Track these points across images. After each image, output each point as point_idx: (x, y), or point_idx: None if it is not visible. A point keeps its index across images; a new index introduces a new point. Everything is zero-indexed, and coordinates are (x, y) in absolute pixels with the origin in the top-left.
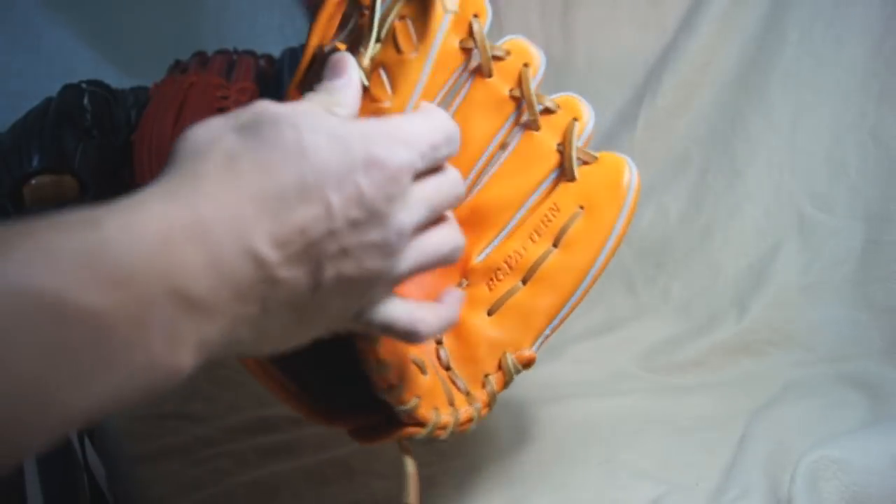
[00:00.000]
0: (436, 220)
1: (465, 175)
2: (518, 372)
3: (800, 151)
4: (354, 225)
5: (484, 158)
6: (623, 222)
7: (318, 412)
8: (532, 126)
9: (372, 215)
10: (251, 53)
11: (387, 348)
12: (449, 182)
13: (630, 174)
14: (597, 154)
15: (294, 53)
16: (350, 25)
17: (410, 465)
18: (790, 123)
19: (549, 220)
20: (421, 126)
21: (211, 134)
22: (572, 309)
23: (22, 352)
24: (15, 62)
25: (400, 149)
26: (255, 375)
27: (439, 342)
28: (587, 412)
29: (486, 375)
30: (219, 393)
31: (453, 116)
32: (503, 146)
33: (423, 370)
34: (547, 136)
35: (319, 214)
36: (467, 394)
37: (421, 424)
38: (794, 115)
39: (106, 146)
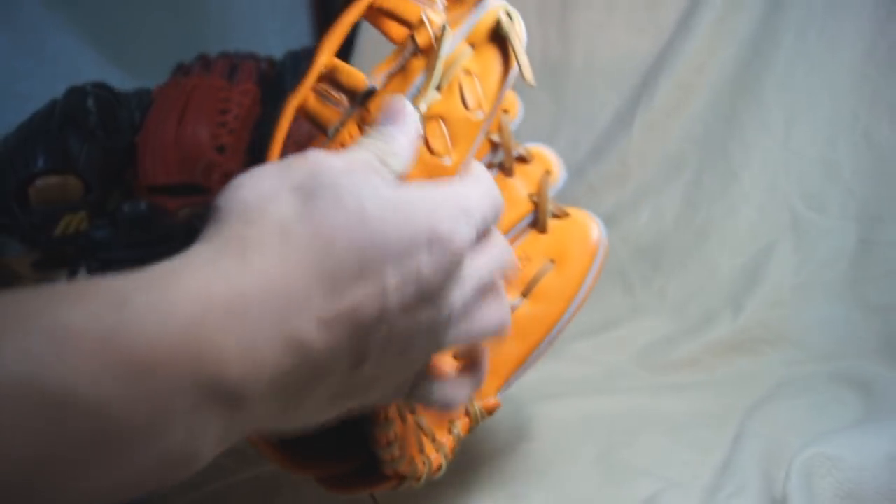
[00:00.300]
0: (485, 290)
1: None
2: (483, 418)
3: (794, 153)
4: (406, 306)
5: None
6: (592, 279)
7: (288, 459)
8: (506, 172)
9: (426, 296)
10: (253, 56)
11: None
12: (499, 252)
13: (599, 232)
14: (568, 210)
15: (296, 56)
16: (398, 63)
17: None
18: (784, 125)
19: (519, 270)
20: (476, 193)
21: (263, 191)
22: (536, 359)
23: (16, 442)
24: (20, 65)
25: (462, 223)
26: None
27: None
28: (584, 410)
29: (452, 421)
30: None
31: None
32: None
33: (403, 419)
34: (518, 184)
35: (373, 294)
36: (433, 439)
37: (401, 477)
38: (789, 117)
39: (110, 147)
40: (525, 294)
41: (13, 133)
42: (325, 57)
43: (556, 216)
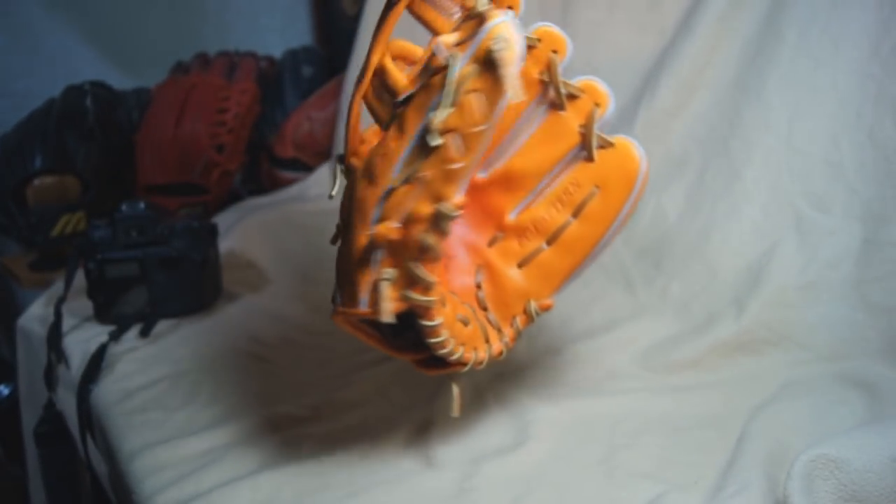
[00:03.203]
0: None
1: (497, 139)
2: (538, 315)
3: (797, 152)
4: None
5: (515, 128)
6: (632, 203)
7: (392, 349)
8: (557, 107)
9: None
10: (252, 55)
11: (446, 322)
12: None
13: (641, 161)
14: (613, 139)
15: (295, 55)
16: (423, 80)
17: (456, 388)
18: (787, 124)
19: (570, 194)
20: None
21: None
22: (583, 270)
23: None
24: (17, 63)
25: None
26: (354, 334)
27: (479, 286)
28: (586, 411)
29: (514, 317)
30: (220, 394)
31: None
32: (529, 120)
33: (466, 324)
34: (570, 117)
35: None
36: (499, 330)
37: (464, 363)
38: (792, 117)
39: (108, 146)
40: (575, 215)
41: (11, 132)
42: (376, 56)
43: (601, 147)
